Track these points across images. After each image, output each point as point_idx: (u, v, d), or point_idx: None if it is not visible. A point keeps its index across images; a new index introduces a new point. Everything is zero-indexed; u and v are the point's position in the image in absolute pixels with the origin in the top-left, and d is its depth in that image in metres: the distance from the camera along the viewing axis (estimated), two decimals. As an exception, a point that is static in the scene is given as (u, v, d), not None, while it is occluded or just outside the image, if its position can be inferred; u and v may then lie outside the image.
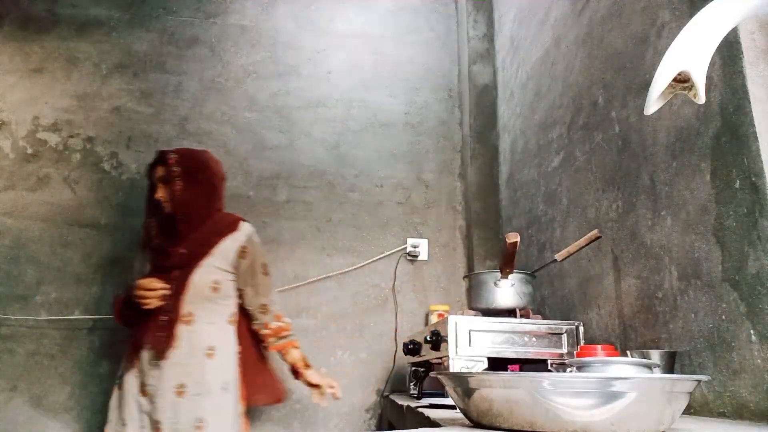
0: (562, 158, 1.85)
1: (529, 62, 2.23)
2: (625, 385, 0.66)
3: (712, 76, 1.07)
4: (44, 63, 2.64)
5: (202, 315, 1.73)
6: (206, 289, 1.75)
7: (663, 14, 1.28)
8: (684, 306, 1.15)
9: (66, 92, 2.61)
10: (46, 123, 2.56)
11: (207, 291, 1.75)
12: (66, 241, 2.41)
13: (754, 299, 0.96)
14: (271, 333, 1.84)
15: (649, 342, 1.27)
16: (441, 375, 0.85)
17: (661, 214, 1.25)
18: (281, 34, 2.83)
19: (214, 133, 2.61)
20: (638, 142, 1.37)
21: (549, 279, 1.87)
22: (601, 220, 1.55)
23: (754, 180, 0.96)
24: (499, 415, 0.72)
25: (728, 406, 1.01)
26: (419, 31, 2.92)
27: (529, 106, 2.20)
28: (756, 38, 1.00)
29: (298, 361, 1.86)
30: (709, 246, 1.08)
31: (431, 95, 2.83)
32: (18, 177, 2.48)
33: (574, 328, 1.41)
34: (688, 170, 1.16)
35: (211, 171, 1.88)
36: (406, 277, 2.52)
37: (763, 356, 0.93)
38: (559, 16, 1.94)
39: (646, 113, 0.79)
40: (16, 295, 2.32)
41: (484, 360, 1.35)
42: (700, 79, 0.74)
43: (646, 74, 1.35)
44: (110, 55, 2.71)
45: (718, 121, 1.07)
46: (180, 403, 1.62)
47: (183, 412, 1.61)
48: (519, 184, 2.30)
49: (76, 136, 2.56)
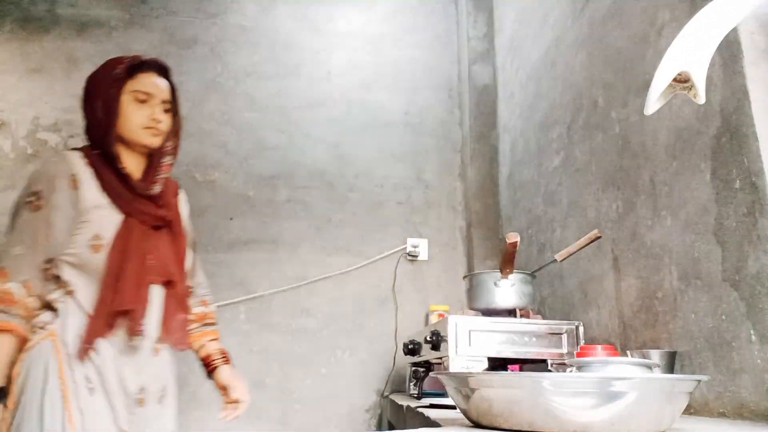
0: (562, 158, 1.85)
1: (529, 62, 2.23)
2: (625, 385, 0.66)
3: (712, 76, 1.07)
4: (44, 63, 2.64)
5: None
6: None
7: (663, 14, 1.28)
8: (684, 306, 1.15)
9: (66, 92, 2.61)
10: (46, 123, 2.56)
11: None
12: (66, 241, 2.41)
13: (754, 299, 0.96)
14: (195, 318, 1.46)
15: (649, 342, 1.27)
16: (441, 375, 0.85)
17: (661, 214, 1.25)
18: (281, 34, 2.82)
19: (214, 133, 2.61)
20: (638, 142, 1.37)
21: (549, 279, 1.87)
22: (601, 220, 1.55)
23: (754, 180, 0.96)
24: (499, 415, 0.72)
25: (728, 406, 1.01)
26: (419, 31, 2.92)
27: (529, 106, 2.20)
28: (756, 38, 1.00)
29: (214, 353, 1.44)
30: (709, 246, 1.08)
31: (431, 95, 2.83)
32: (18, 177, 2.47)
33: (574, 328, 1.41)
34: (688, 170, 1.16)
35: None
36: (406, 277, 2.52)
37: (763, 356, 0.93)
38: (559, 16, 1.94)
39: (646, 113, 0.79)
40: (16, 295, 2.31)
41: (484, 360, 1.35)
42: (700, 79, 0.74)
43: (646, 74, 1.35)
44: (110, 55, 2.68)
45: (718, 121, 1.07)
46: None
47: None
48: (519, 184, 2.30)
49: (76, 136, 2.56)
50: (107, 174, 1.27)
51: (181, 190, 1.50)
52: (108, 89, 1.30)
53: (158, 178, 1.34)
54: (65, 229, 1.22)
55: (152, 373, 1.29)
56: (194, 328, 1.46)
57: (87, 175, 1.26)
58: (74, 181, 1.24)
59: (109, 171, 1.28)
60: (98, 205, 1.25)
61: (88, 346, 1.18)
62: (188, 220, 1.49)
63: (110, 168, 1.28)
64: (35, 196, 1.23)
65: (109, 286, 1.20)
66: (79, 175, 1.25)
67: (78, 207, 1.23)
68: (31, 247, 1.20)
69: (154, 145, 1.32)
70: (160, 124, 1.32)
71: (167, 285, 1.30)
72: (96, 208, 1.24)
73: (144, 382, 1.26)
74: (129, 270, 1.22)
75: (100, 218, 1.23)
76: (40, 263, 1.20)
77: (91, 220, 1.23)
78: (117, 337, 1.22)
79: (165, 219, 1.33)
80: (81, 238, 1.22)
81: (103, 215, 1.24)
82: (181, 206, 1.46)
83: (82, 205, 1.23)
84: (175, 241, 1.35)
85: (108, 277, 1.21)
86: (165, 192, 1.37)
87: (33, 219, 1.21)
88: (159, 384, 1.31)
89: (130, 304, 1.21)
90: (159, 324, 1.28)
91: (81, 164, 1.27)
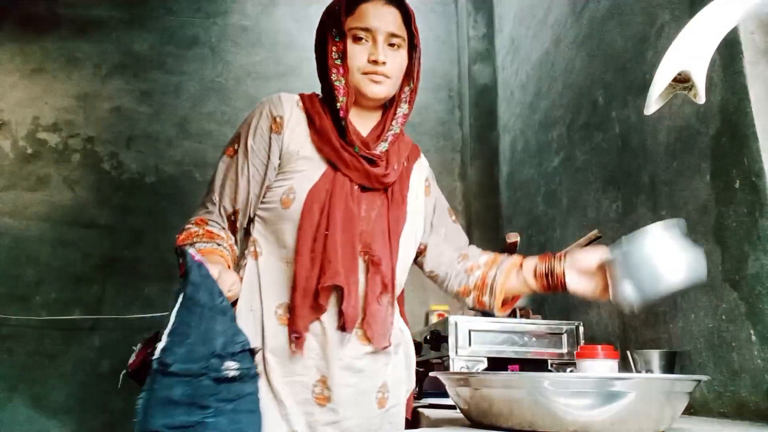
0: (562, 158, 1.85)
1: (529, 62, 2.23)
2: (625, 385, 0.66)
3: (712, 76, 1.07)
4: (44, 63, 2.64)
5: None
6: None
7: (663, 14, 1.28)
8: (684, 306, 1.15)
9: (66, 92, 2.61)
10: (46, 123, 2.56)
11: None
12: (66, 241, 2.41)
13: (754, 299, 0.96)
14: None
15: (649, 342, 1.27)
16: (441, 375, 0.85)
17: (661, 214, 1.25)
18: (281, 34, 2.82)
19: (214, 133, 2.61)
20: (638, 142, 1.37)
21: (549, 279, 1.87)
22: (601, 220, 1.55)
23: (754, 180, 0.96)
24: (499, 415, 0.72)
25: (728, 406, 1.01)
26: (419, 31, 2.92)
27: (529, 106, 2.20)
28: (756, 38, 1.00)
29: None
30: (709, 246, 1.08)
31: (431, 95, 2.82)
32: (18, 177, 2.48)
33: (574, 328, 1.41)
34: (688, 170, 1.16)
35: None
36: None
37: (763, 356, 0.93)
38: (559, 17, 1.94)
39: (646, 113, 0.79)
40: (16, 295, 2.32)
41: (484, 360, 1.35)
42: (700, 79, 0.74)
43: (646, 74, 1.35)
44: (110, 55, 2.71)
45: (718, 121, 1.07)
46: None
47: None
48: (519, 184, 2.29)
49: (76, 136, 2.56)
50: (323, 121, 1.03)
51: (421, 156, 1.20)
52: (322, 31, 1.06)
53: (386, 135, 1.06)
54: (258, 179, 1.02)
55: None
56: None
57: (297, 119, 1.05)
58: (278, 124, 1.04)
59: (327, 119, 1.03)
60: (305, 155, 1.02)
61: (299, 335, 0.94)
62: (431, 191, 1.18)
63: (329, 116, 1.03)
64: (234, 141, 1.06)
65: (312, 253, 0.95)
66: (285, 119, 1.04)
67: (281, 155, 1.02)
68: (220, 195, 1.02)
69: (374, 94, 1.03)
70: (382, 66, 1.01)
71: (372, 263, 1.00)
72: (301, 158, 1.01)
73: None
74: (335, 237, 0.96)
75: (302, 170, 1.01)
76: (229, 214, 1.02)
77: (292, 171, 1.01)
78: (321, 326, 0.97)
79: (381, 180, 1.03)
80: (278, 190, 1.00)
81: (306, 167, 1.01)
82: (414, 173, 1.15)
83: (286, 152, 1.02)
84: (392, 210, 1.05)
85: (312, 240, 0.96)
86: (393, 151, 1.08)
87: (226, 166, 1.04)
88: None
89: (342, 279, 0.94)
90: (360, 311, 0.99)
91: (293, 107, 1.06)
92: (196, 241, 0.97)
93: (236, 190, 1.02)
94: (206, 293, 0.77)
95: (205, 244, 0.96)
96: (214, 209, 1.02)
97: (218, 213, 1.02)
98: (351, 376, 0.98)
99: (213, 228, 1.00)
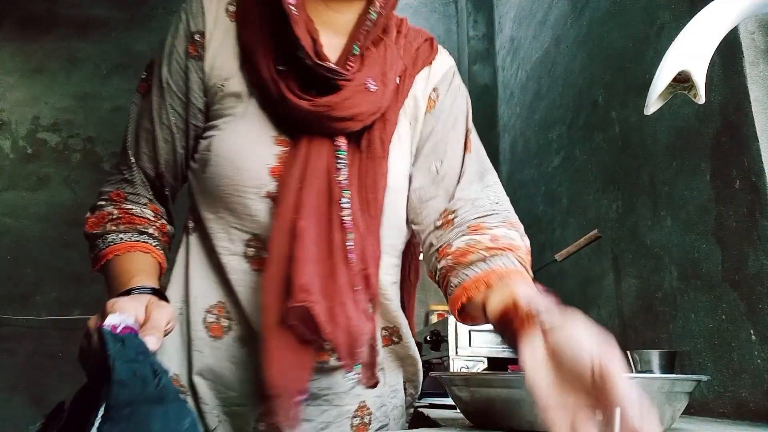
0: (562, 158, 1.85)
1: (529, 62, 2.23)
2: (625, 385, 0.66)
3: (712, 76, 1.07)
4: (44, 63, 2.64)
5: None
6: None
7: (663, 14, 1.28)
8: (684, 306, 1.15)
9: (66, 92, 2.61)
10: (46, 123, 2.56)
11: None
12: (66, 241, 2.41)
13: (754, 299, 0.96)
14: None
15: (649, 342, 1.27)
16: (441, 375, 0.85)
17: (661, 214, 1.25)
18: (281, 34, 2.83)
19: (214, 133, 2.61)
20: (638, 142, 1.37)
21: (549, 279, 1.87)
22: (601, 220, 1.55)
23: (754, 180, 0.96)
24: (499, 415, 0.72)
25: (728, 406, 1.01)
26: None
27: (529, 106, 2.20)
28: (756, 38, 1.00)
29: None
30: (709, 246, 1.08)
31: (431, 95, 2.82)
32: (18, 177, 2.48)
33: (574, 328, 1.41)
34: (688, 170, 1.16)
35: None
36: (406, 277, 2.52)
37: (763, 356, 0.93)
38: (559, 16, 1.94)
39: (646, 113, 0.79)
40: (16, 295, 2.32)
41: (484, 360, 1.35)
42: (700, 79, 0.74)
43: (646, 74, 1.35)
44: (110, 55, 2.71)
45: (718, 121, 1.07)
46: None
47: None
48: (519, 184, 2.29)
49: (76, 136, 2.56)
50: (254, 24, 0.69)
51: (439, 55, 0.83)
52: None
53: (360, 45, 0.70)
54: (182, 126, 0.72)
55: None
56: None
57: (224, 31, 0.71)
58: (197, 44, 0.71)
59: (265, 20, 0.68)
60: (232, 90, 0.70)
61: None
62: (436, 105, 0.84)
63: (272, 23, 0.68)
64: (147, 71, 0.75)
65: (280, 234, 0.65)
66: (207, 33, 0.71)
67: (206, 91, 0.72)
68: (136, 154, 0.73)
69: None
70: None
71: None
72: (227, 95, 0.70)
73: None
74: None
75: (229, 113, 0.70)
76: (152, 179, 0.74)
77: (217, 115, 0.71)
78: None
79: (335, 124, 0.68)
80: (204, 143, 0.70)
81: (235, 109, 0.70)
82: (416, 88, 0.80)
83: (209, 87, 0.71)
84: (367, 175, 0.71)
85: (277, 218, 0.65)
86: (374, 60, 0.72)
87: (138, 110, 0.74)
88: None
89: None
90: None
91: (218, 13, 0.72)
92: (111, 230, 0.71)
93: (155, 144, 0.72)
94: (138, 384, 0.48)
95: (122, 236, 0.71)
96: (132, 175, 0.74)
97: (139, 180, 0.74)
98: (307, 407, 0.69)
99: (132, 207, 0.73)
